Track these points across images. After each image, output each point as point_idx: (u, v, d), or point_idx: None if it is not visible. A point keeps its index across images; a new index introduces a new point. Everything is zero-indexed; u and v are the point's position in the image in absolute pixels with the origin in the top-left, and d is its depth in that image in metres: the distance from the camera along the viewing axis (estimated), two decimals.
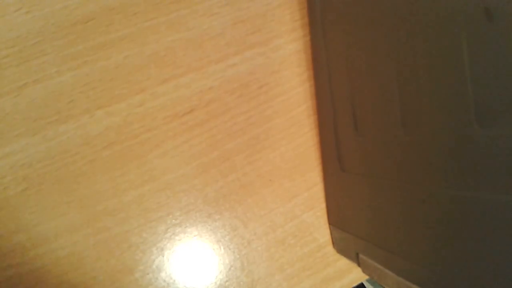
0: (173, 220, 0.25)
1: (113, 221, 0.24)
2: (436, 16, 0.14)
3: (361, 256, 0.23)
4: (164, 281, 0.24)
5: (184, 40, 0.26)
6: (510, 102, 0.12)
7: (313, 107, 0.28)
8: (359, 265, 0.23)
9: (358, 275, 0.28)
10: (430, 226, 0.16)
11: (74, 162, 0.24)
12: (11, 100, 0.23)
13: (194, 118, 0.26)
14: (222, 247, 0.26)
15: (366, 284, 0.65)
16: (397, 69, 0.17)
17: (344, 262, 0.27)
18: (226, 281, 0.25)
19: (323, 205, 0.28)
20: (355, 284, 0.27)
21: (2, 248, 0.22)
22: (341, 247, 0.26)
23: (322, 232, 0.27)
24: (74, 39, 0.24)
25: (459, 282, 0.15)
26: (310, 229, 0.27)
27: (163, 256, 0.24)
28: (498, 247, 0.13)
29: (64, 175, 0.23)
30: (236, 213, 0.26)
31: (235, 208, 0.26)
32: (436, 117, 0.15)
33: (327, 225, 0.28)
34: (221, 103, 0.26)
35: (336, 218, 0.26)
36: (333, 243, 0.27)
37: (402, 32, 0.17)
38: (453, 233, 0.15)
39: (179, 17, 0.26)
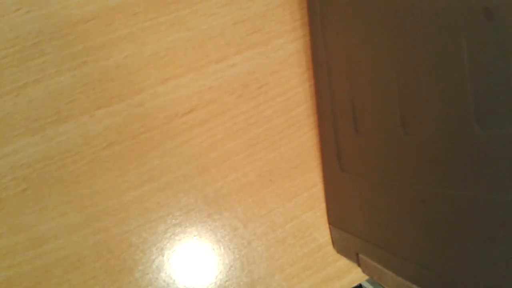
0: (173, 220, 0.25)
1: (113, 221, 0.24)
2: (436, 16, 0.14)
3: (361, 256, 0.23)
4: (164, 281, 0.24)
5: (184, 40, 0.26)
6: (510, 102, 0.12)
7: (313, 107, 0.28)
8: (359, 265, 0.23)
9: (358, 275, 0.28)
10: (430, 226, 0.16)
11: (74, 162, 0.24)
12: (11, 100, 0.23)
13: (194, 118, 0.26)
14: (222, 247, 0.26)
15: (366, 284, 0.65)
16: (397, 69, 0.17)
17: (344, 262, 0.27)
18: (226, 281, 0.25)
19: (323, 205, 0.28)
20: (355, 284, 0.27)
21: (2, 248, 0.22)
22: (341, 247, 0.26)
23: (322, 232, 0.27)
24: (74, 39, 0.24)
25: (458, 282, 0.15)
26: (310, 229, 0.27)
27: (163, 256, 0.24)
28: (497, 247, 0.13)
29: (64, 175, 0.23)
30: (236, 213, 0.26)
31: (235, 208, 0.26)
32: (436, 117, 0.15)
33: (327, 225, 0.28)
34: (221, 103, 0.26)
35: (336, 218, 0.26)
36: (333, 243, 0.27)
37: (402, 32, 0.17)
38: (453, 233, 0.15)
39: (179, 17, 0.26)
